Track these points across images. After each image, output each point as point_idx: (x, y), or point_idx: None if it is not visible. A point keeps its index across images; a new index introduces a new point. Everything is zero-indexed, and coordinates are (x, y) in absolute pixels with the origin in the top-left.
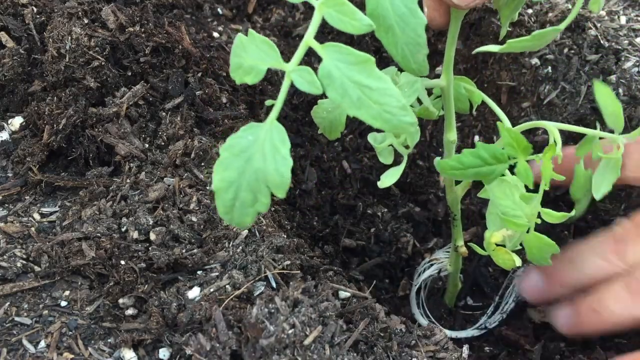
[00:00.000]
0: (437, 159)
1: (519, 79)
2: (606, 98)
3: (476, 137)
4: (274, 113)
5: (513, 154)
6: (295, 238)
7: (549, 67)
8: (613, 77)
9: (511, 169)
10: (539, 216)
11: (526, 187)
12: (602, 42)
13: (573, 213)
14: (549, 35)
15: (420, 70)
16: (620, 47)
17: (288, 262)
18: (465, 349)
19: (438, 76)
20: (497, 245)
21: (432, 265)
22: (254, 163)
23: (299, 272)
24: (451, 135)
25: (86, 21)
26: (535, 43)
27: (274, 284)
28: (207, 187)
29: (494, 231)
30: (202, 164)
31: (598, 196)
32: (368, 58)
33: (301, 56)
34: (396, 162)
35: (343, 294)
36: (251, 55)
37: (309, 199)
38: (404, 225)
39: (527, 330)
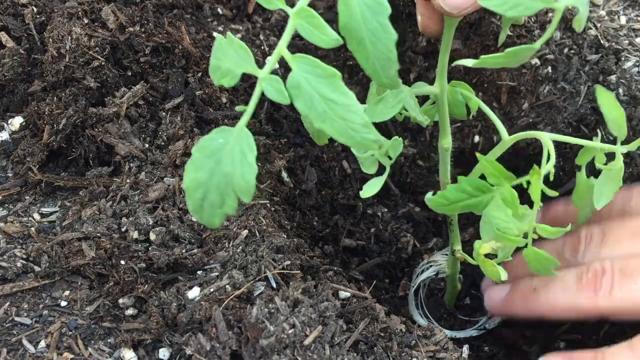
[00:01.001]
0: (428, 195)
1: (519, 79)
2: (609, 104)
3: (476, 137)
4: (244, 119)
5: (497, 183)
6: (295, 238)
7: (549, 67)
8: (613, 77)
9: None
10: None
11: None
12: (602, 42)
13: (569, 228)
14: (524, 53)
15: (392, 85)
16: (620, 47)
17: (288, 262)
18: (466, 349)
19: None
20: (486, 256)
21: (430, 267)
22: (223, 167)
23: (299, 272)
24: (446, 142)
25: (86, 21)
26: (508, 60)
27: (274, 284)
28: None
29: (483, 242)
30: None
31: (599, 206)
32: (334, 73)
33: (273, 64)
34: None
35: (343, 294)
36: (229, 58)
37: (309, 199)
38: (404, 225)
39: (525, 330)
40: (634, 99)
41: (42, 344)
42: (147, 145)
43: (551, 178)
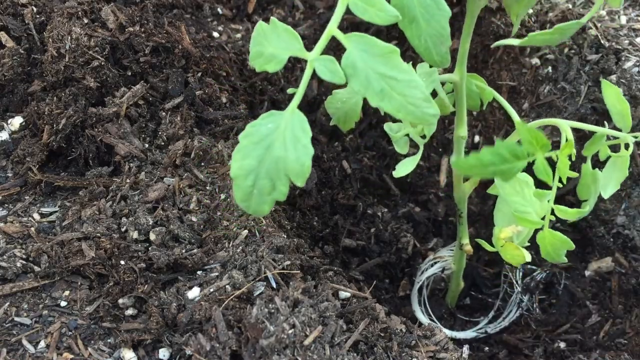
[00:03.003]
0: (454, 157)
1: (519, 78)
2: (613, 97)
3: (476, 137)
4: (295, 101)
5: (532, 151)
6: (295, 238)
7: (549, 67)
8: (613, 77)
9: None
10: (552, 213)
11: (538, 184)
12: (602, 42)
13: (586, 208)
14: (571, 28)
15: (443, 62)
16: (620, 47)
17: (288, 262)
18: (466, 349)
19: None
20: (506, 241)
21: (435, 263)
22: (274, 151)
23: (299, 272)
24: (462, 130)
25: (86, 21)
26: (557, 37)
27: (274, 284)
28: (207, 187)
29: (502, 227)
30: (202, 163)
31: (606, 195)
32: (393, 49)
33: (324, 45)
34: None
35: (343, 294)
36: (273, 43)
37: (309, 199)
38: (404, 225)
39: (526, 334)
40: (634, 99)
41: (42, 344)
42: (147, 145)
43: (573, 158)
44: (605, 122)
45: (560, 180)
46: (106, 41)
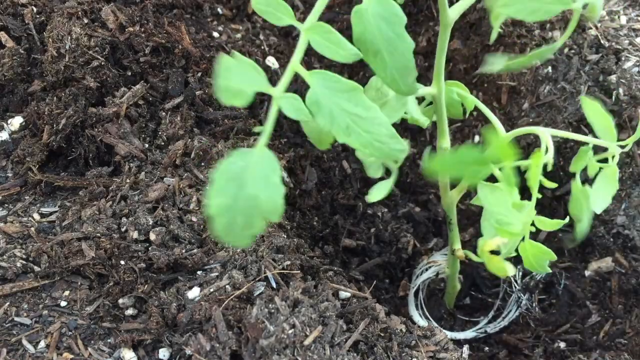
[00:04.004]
0: (425, 157)
1: (519, 78)
2: (595, 113)
3: (476, 137)
4: (264, 139)
5: (496, 160)
6: (295, 238)
7: (549, 67)
8: (613, 77)
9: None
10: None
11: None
12: (602, 42)
13: (566, 220)
14: (548, 52)
15: (410, 92)
16: (620, 47)
17: (288, 262)
18: (466, 349)
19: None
20: (491, 252)
21: (430, 267)
22: (247, 190)
23: (299, 272)
24: (444, 142)
25: (86, 21)
26: (532, 61)
27: (274, 284)
28: (207, 187)
29: (487, 239)
30: (202, 163)
31: (598, 210)
32: (356, 86)
33: (287, 82)
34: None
35: (343, 294)
36: (238, 78)
37: (309, 199)
38: (404, 225)
39: (526, 334)
40: (634, 99)
41: (42, 344)
42: (147, 145)
43: (549, 168)
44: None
45: (544, 190)
46: (106, 41)
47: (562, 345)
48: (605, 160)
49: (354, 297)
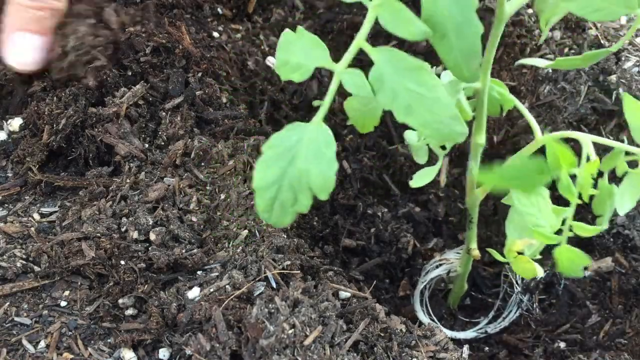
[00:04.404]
0: (475, 170)
1: (519, 78)
2: (634, 112)
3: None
4: (321, 114)
5: (556, 168)
6: (295, 238)
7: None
8: (613, 77)
9: None
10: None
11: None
12: (602, 42)
13: (603, 224)
14: (600, 56)
15: (473, 78)
16: (620, 47)
17: (288, 262)
18: (466, 349)
19: (437, 76)
20: (518, 253)
21: (441, 265)
22: (298, 164)
23: (299, 272)
24: (480, 138)
25: (93, 21)
26: (585, 63)
27: (274, 284)
28: (207, 187)
29: (513, 239)
30: (202, 163)
31: (622, 212)
32: (422, 64)
33: (351, 57)
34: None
35: (343, 294)
36: (299, 52)
37: None
38: (404, 225)
39: (526, 334)
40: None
41: (42, 344)
42: (146, 145)
43: (595, 176)
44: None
45: (580, 197)
46: (109, 41)
47: (562, 345)
48: (635, 164)
49: (354, 297)
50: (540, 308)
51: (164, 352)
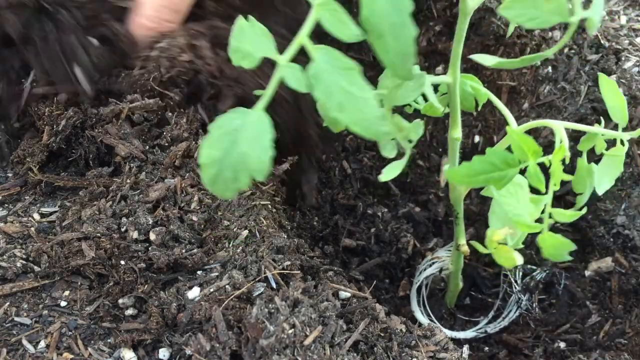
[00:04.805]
0: (446, 167)
1: (519, 78)
2: (610, 91)
3: (476, 137)
4: (263, 102)
5: (523, 158)
6: (295, 238)
7: (549, 67)
8: (613, 77)
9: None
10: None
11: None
12: (602, 42)
13: (584, 211)
14: (537, 59)
15: (407, 77)
16: (620, 47)
17: (288, 263)
18: (466, 349)
19: (437, 76)
20: (499, 243)
21: (433, 263)
22: (239, 146)
23: (299, 272)
24: (456, 132)
25: None
26: (522, 63)
27: (274, 284)
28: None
29: (494, 229)
30: None
31: (600, 191)
32: (354, 66)
33: (294, 52)
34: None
35: (343, 294)
36: (249, 41)
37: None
38: (404, 225)
39: (526, 334)
40: (634, 99)
41: (42, 344)
42: (147, 147)
43: (567, 161)
44: (602, 119)
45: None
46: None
47: (562, 345)
48: (614, 143)
49: (354, 297)
50: (540, 308)
51: (164, 352)
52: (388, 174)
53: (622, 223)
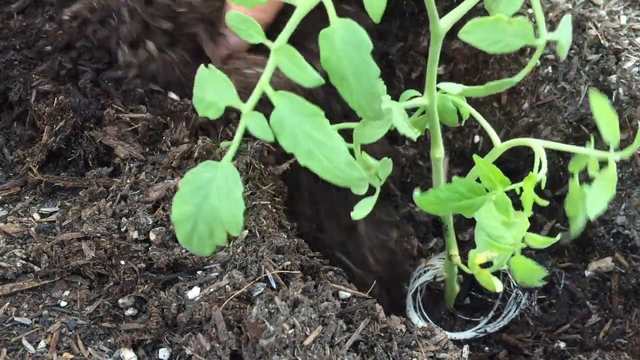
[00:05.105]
0: (416, 193)
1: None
2: (601, 109)
3: (476, 138)
4: (230, 153)
5: (491, 187)
6: (295, 238)
7: (549, 67)
8: (613, 77)
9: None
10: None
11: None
12: (602, 42)
13: (558, 237)
14: (504, 86)
15: (376, 117)
16: (620, 47)
17: (288, 263)
18: (466, 349)
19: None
20: (482, 266)
21: (427, 270)
22: (210, 201)
23: (299, 272)
24: (437, 152)
25: None
26: (487, 91)
27: (274, 284)
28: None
29: (478, 251)
30: None
31: (592, 215)
32: (317, 111)
33: (256, 100)
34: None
35: (343, 294)
36: (212, 90)
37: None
38: (405, 225)
39: (526, 334)
40: (634, 99)
41: (42, 344)
42: (147, 149)
43: (542, 186)
44: (592, 137)
45: (543, 191)
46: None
47: (562, 345)
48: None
49: (354, 297)
50: (540, 308)
51: (164, 352)
52: (359, 212)
53: (622, 223)
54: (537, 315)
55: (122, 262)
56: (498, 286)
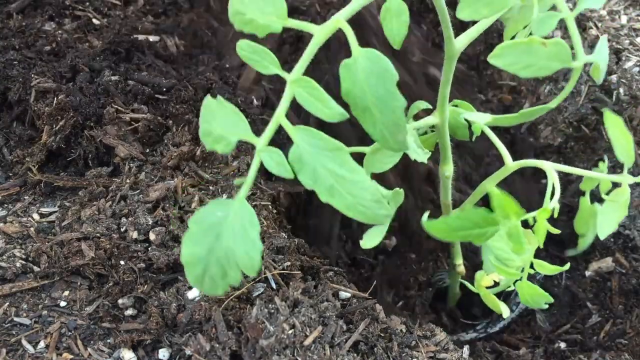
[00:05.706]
0: (425, 218)
1: (519, 78)
2: (617, 130)
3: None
4: (244, 191)
5: (504, 217)
6: (295, 239)
7: None
8: (614, 77)
9: None
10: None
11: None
12: None
13: (566, 267)
14: (537, 113)
15: (400, 149)
16: (621, 47)
17: (288, 263)
18: (466, 349)
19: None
20: (488, 288)
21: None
22: (224, 241)
23: (299, 272)
24: (447, 169)
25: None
26: (522, 120)
27: (273, 285)
28: (210, 187)
29: (485, 273)
30: (206, 164)
31: (602, 235)
32: (340, 146)
33: (271, 134)
34: None
35: (343, 295)
36: (221, 123)
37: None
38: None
39: (526, 334)
40: (635, 99)
41: (42, 344)
42: (148, 150)
43: (555, 215)
44: (605, 158)
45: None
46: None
47: (563, 345)
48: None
49: (354, 297)
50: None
51: (163, 352)
52: (369, 241)
53: (622, 223)
54: (537, 315)
55: (122, 262)
56: (505, 312)
